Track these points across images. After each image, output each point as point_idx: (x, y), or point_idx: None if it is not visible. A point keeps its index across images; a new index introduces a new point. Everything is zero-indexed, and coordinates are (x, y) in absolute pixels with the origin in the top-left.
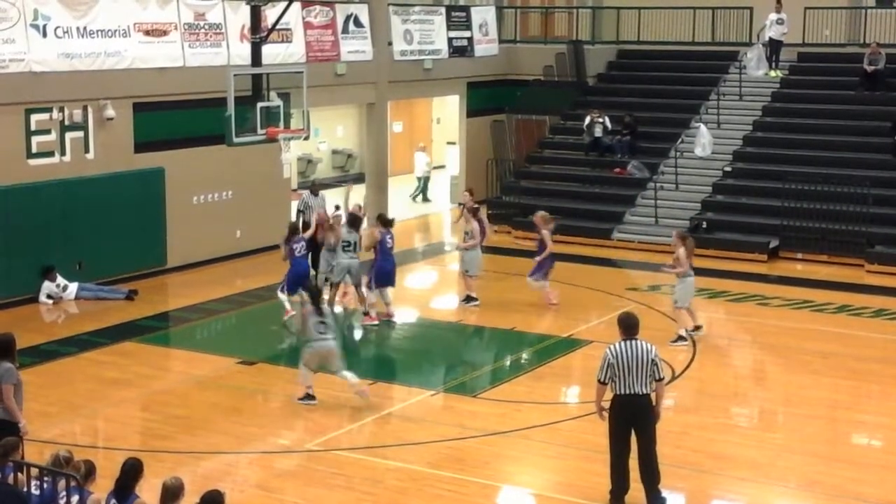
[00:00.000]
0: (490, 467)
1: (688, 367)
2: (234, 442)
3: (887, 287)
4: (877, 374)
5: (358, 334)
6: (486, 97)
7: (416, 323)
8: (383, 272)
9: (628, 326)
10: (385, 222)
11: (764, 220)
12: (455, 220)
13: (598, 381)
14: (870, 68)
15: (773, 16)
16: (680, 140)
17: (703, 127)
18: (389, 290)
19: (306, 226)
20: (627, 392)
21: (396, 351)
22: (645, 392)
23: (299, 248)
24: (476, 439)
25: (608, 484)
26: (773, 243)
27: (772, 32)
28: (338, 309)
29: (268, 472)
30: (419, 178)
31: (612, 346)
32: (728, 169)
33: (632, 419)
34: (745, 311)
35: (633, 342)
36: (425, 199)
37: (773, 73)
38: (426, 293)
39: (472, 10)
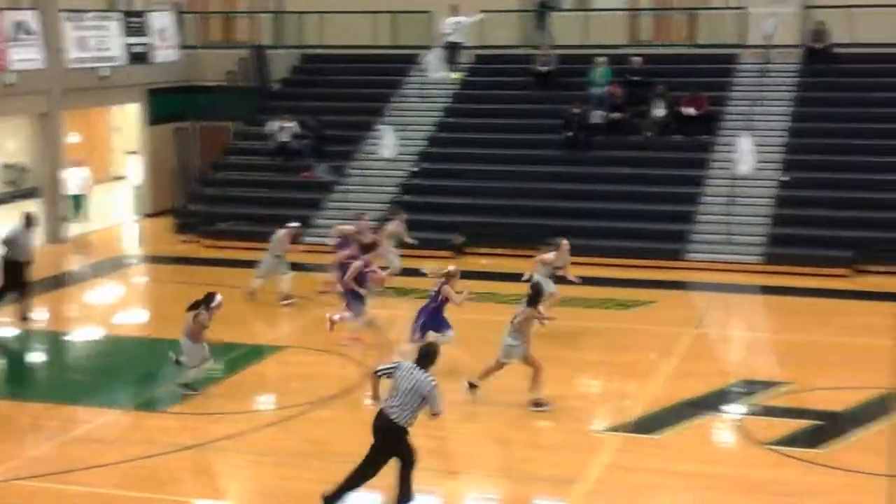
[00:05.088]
0: (182, 483)
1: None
2: None
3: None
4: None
5: (38, 355)
6: (168, 104)
7: (100, 340)
8: None
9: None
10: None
11: (452, 218)
12: None
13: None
14: (542, 69)
15: (451, 19)
16: (366, 142)
17: (387, 128)
18: None
19: None
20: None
21: (80, 370)
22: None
23: None
24: (167, 455)
25: (307, 488)
26: (460, 239)
27: (450, 35)
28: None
29: None
30: (74, 196)
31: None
32: (415, 169)
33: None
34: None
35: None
36: (84, 216)
37: (452, 75)
38: (109, 309)
39: (151, 15)
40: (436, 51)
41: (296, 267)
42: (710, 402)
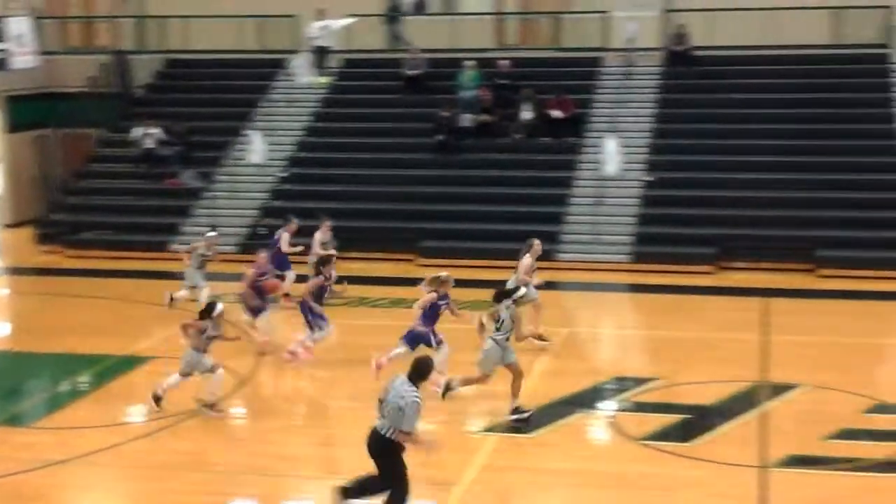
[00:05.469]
0: (48, 499)
1: (254, 373)
2: None
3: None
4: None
5: None
6: (28, 111)
7: None
8: None
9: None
10: None
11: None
12: None
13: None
14: (412, 73)
15: (318, 23)
16: (233, 148)
17: (255, 134)
18: None
19: None
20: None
21: None
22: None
23: None
24: (33, 472)
25: (178, 500)
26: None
27: (318, 39)
28: None
29: None
30: None
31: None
32: (284, 174)
33: None
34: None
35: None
36: None
37: (321, 80)
38: None
39: (6, 21)
40: (303, 55)
41: (166, 276)
42: (583, 400)
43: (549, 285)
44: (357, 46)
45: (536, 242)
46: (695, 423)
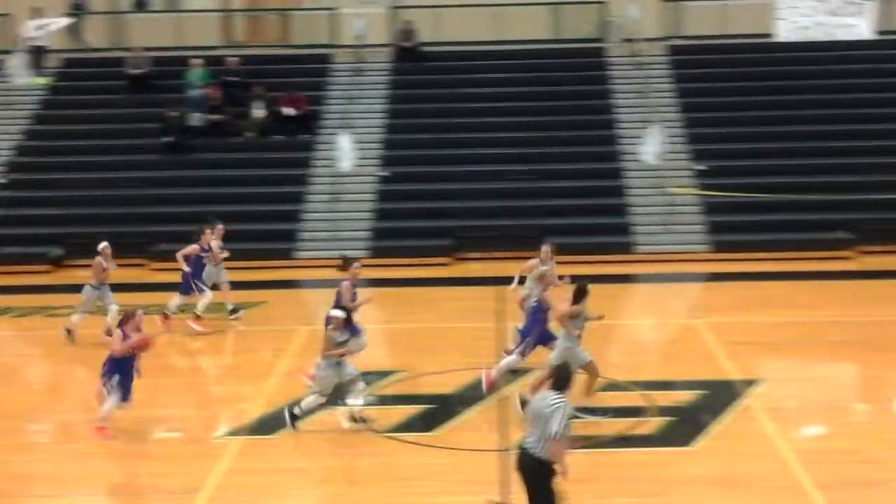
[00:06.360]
0: None
1: None
2: None
3: (171, 284)
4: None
5: None
6: None
7: None
8: None
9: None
10: None
11: (49, 230)
12: None
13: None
14: (135, 72)
15: (35, 22)
16: None
17: None
18: None
19: None
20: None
21: None
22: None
23: None
24: None
25: None
26: (57, 252)
27: (35, 39)
28: None
29: None
30: None
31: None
32: (3, 181)
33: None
34: (32, 325)
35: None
36: None
37: (39, 81)
38: None
39: None
40: (19, 55)
41: None
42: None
43: (287, 284)
44: (77, 45)
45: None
46: (437, 412)
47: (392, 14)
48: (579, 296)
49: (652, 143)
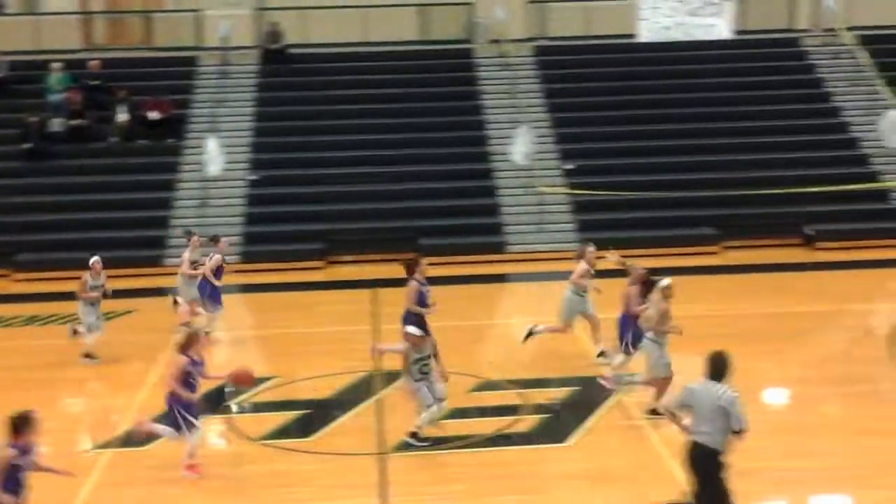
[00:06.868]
0: None
1: None
2: None
3: (35, 294)
4: (43, 381)
5: None
6: None
7: None
8: None
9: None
10: None
11: None
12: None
13: None
14: None
15: None
16: None
17: None
18: None
19: None
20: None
21: None
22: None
23: None
24: None
25: None
26: None
27: None
28: None
29: None
30: None
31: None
32: None
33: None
34: None
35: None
36: None
37: None
38: None
39: None
40: None
41: None
42: (202, 406)
43: (157, 291)
44: None
45: (590, 249)
46: (313, 417)
47: (258, 15)
48: None
49: (521, 144)
